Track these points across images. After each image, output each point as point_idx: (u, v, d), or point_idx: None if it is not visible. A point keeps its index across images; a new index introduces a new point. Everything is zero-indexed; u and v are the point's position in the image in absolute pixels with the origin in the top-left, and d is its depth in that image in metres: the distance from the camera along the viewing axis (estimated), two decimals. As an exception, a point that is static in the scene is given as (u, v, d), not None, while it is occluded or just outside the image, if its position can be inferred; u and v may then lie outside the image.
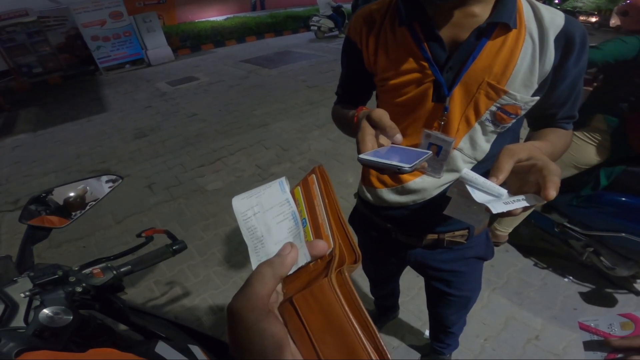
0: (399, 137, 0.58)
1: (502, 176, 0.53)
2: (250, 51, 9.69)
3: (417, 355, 1.87)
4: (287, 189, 0.41)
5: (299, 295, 0.30)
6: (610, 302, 2.06)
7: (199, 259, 2.59)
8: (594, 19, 10.29)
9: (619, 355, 0.53)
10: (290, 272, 0.33)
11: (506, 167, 0.54)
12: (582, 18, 10.01)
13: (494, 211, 0.49)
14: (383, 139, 0.60)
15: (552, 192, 0.50)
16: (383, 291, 1.72)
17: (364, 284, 1.70)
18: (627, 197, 1.78)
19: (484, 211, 0.51)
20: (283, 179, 0.42)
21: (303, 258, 0.35)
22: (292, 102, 5.49)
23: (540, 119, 0.86)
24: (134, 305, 1.13)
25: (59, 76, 8.78)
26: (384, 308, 1.93)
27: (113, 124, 5.40)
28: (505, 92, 0.73)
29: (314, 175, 0.43)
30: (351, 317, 0.26)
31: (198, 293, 2.30)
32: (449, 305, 1.28)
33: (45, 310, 0.71)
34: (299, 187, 0.44)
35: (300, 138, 4.32)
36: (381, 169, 0.53)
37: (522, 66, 0.71)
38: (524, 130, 0.92)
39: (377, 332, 0.26)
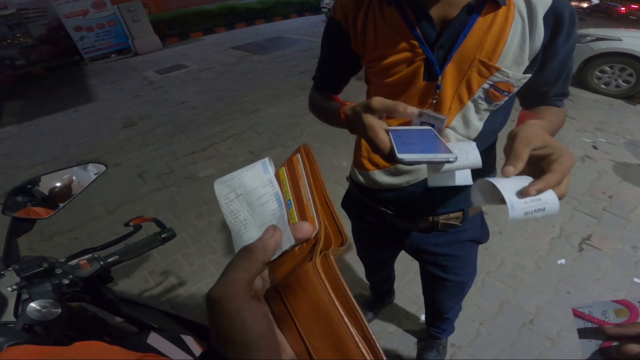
0: (412, 109, 0.55)
1: (520, 165, 0.50)
2: (240, 38, 9.55)
3: (414, 340, 1.87)
4: (271, 169, 0.39)
5: (283, 281, 0.29)
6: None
7: (193, 248, 2.55)
8: (585, 4, 10.26)
9: (614, 343, 0.51)
10: (275, 256, 0.32)
11: (523, 155, 0.50)
12: (574, 3, 10.04)
13: (512, 215, 0.46)
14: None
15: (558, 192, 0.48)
16: (378, 276, 1.71)
17: (360, 269, 1.68)
18: None
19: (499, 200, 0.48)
20: (266, 159, 0.40)
21: (287, 242, 0.32)
22: (283, 88, 5.45)
23: (533, 97, 0.86)
24: (126, 296, 1.11)
25: (43, 68, 8.61)
26: (380, 293, 1.93)
27: (101, 113, 5.30)
28: (497, 69, 0.72)
29: (298, 155, 0.40)
30: (337, 304, 0.24)
31: (193, 282, 2.26)
32: (444, 290, 1.27)
33: (33, 304, 0.70)
34: (283, 168, 0.41)
35: (293, 123, 4.28)
36: (429, 163, 0.51)
37: (513, 43, 0.70)
38: (514, 112, 0.90)
39: (364, 320, 0.24)
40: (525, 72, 0.74)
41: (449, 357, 1.77)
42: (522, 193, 0.48)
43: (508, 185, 0.48)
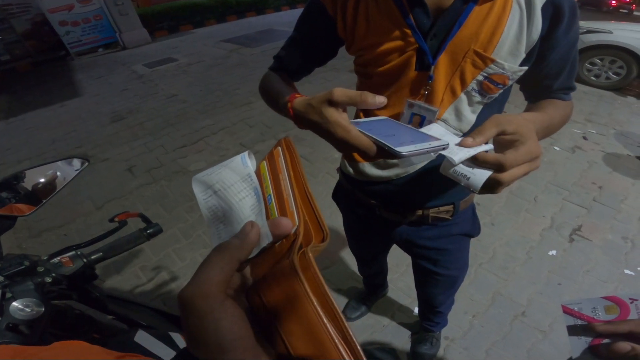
0: (381, 99, 0.50)
1: (479, 139, 0.49)
2: (231, 30, 9.40)
3: (407, 333, 1.88)
4: (250, 163, 0.38)
5: (261, 280, 0.28)
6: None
7: (185, 242, 2.52)
8: (578, -4, 10.32)
9: (605, 341, 0.51)
10: (254, 254, 0.30)
11: (487, 133, 0.50)
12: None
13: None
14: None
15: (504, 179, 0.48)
16: (371, 269, 1.70)
17: (353, 261, 1.67)
18: None
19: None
20: (245, 153, 0.39)
21: (266, 238, 0.31)
22: (275, 81, 5.35)
23: (537, 91, 0.84)
24: (114, 293, 1.09)
25: (29, 63, 8.40)
26: (373, 286, 1.93)
27: (88, 108, 5.19)
28: (493, 61, 0.69)
29: (279, 148, 0.39)
30: (316, 304, 0.23)
31: (185, 277, 2.23)
32: (436, 284, 1.27)
33: (16, 303, 0.69)
34: (264, 162, 0.40)
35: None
36: (426, 153, 0.46)
37: (510, 34, 0.68)
38: (509, 106, 0.88)
39: (345, 321, 0.23)
40: (521, 65, 0.71)
41: (443, 350, 1.78)
42: (461, 142, 0.48)
43: (455, 144, 0.49)
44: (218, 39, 8.65)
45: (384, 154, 0.48)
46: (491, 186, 0.50)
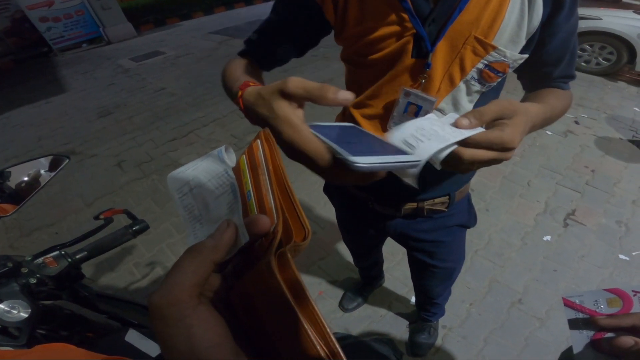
0: (346, 95, 0.38)
1: (476, 122, 0.46)
2: (219, 22, 9.25)
3: (405, 323, 1.88)
4: (227, 157, 0.36)
5: (240, 283, 0.26)
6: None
7: (178, 237, 2.49)
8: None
9: (606, 335, 0.49)
10: (231, 254, 0.28)
11: (486, 117, 0.47)
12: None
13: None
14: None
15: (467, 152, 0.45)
16: (366, 262, 1.69)
17: (348, 252, 1.66)
18: None
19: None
20: (222, 147, 0.36)
21: (242, 238, 0.29)
22: (265, 72, 5.28)
23: (536, 79, 0.80)
24: (105, 292, 1.07)
25: (10, 60, 8.19)
26: (369, 277, 1.92)
27: (74, 104, 5.08)
28: (494, 48, 0.66)
29: (258, 141, 0.36)
30: (295, 308, 0.22)
31: (179, 273, 2.21)
32: (432, 277, 1.25)
33: (2, 305, 0.69)
34: (244, 156, 0.37)
35: (277, 106, 4.18)
36: (392, 169, 0.38)
37: (511, 20, 0.64)
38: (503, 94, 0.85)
39: (326, 325, 0.22)
40: (521, 52, 0.68)
41: (441, 339, 1.78)
42: (456, 122, 0.46)
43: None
44: (206, 31, 8.51)
45: (339, 166, 0.37)
46: (451, 161, 0.46)
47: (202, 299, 0.25)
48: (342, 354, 0.22)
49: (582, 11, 4.36)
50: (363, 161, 0.34)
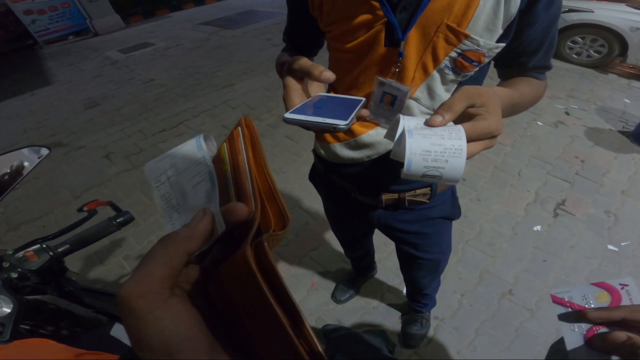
0: (327, 74, 0.52)
1: (449, 116, 0.45)
2: (210, 13, 9.12)
3: (397, 314, 1.88)
4: (205, 146, 0.35)
5: (217, 274, 0.25)
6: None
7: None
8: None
9: (599, 331, 0.49)
10: (209, 244, 0.27)
11: (456, 107, 0.45)
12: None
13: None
14: (314, 88, 0.58)
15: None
16: (356, 253, 1.69)
17: (339, 243, 1.64)
18: None
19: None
20: (201, 135, 0.36)
21: (219, 227, 0.28)
22: (257, 61, 5.27)
23: (511, 68, 0.78)
24: (92, 286, 1.06)
25: (-5, 53, 8.03)
26: (361, 268, 1.91)
27: (60, 96, 4.98)
28: (467, 37, 0.64)
29: (239, 128, 0.36)
30: (271, 301, 0.21)
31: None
32: (419, 268, 1.25)
33: None
34: (225, 144, 0.37)
35: (268, 96, 4.17)
36: (315, 128, 0.49)
37: (485, 7, 0.62)
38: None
39: (303, 318, 0.21)
40: (498, 41, 0.66)
41: (433, 330, 1.78)
42: (429, 122, 0.45)
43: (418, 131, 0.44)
44: (196, 21, 8.39)
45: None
46: None
47: (176, 290, 0.24)
48: (319, 346, 0.21)
49: (574, 3, 4.37)
50: (291, 116, 0.48)
